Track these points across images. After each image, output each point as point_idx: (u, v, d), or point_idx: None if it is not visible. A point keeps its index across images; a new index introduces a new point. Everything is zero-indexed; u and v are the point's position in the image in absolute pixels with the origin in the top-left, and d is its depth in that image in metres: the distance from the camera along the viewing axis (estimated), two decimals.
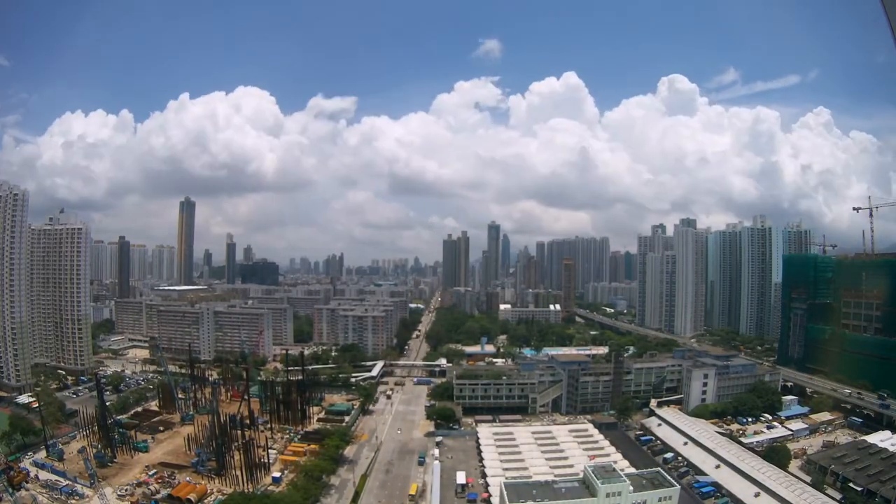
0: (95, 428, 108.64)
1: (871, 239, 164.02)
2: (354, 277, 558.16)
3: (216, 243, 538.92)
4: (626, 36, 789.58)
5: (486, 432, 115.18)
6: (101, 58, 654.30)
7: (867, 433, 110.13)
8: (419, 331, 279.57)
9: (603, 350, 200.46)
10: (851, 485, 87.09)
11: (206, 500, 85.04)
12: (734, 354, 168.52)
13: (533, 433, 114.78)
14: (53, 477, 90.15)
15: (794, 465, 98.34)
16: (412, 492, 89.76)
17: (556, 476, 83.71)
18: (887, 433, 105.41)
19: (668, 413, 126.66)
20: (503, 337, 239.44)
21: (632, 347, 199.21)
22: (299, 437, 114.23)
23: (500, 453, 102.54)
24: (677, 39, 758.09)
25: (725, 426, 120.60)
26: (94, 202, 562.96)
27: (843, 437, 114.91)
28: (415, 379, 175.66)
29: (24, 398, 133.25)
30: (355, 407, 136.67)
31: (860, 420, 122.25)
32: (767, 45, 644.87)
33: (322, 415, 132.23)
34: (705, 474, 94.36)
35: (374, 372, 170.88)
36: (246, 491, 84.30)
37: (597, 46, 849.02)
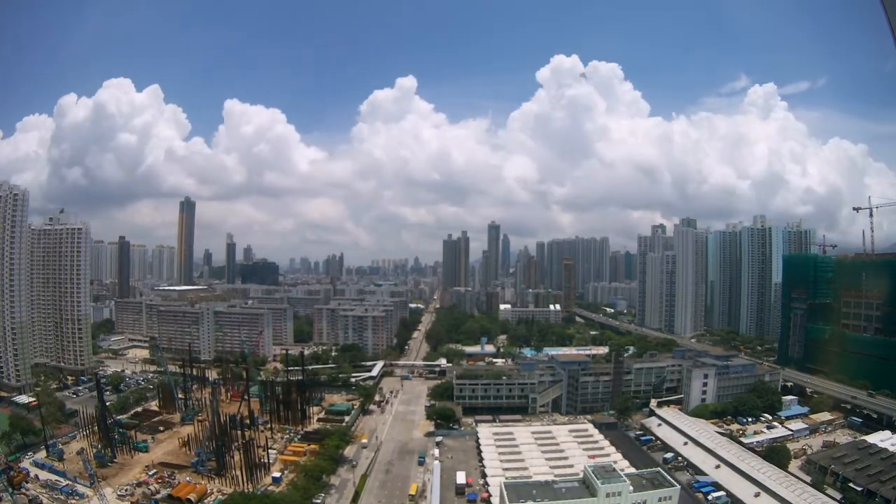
0: (95, 428, 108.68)
1: (870, 239, 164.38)
2: (354, 277, 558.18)
3: (207, 244, 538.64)
4: (636, 41, 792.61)
5: (486, 432, 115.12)
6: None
7: (867, 433, 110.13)
8: (419, 331, 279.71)
9: (603, 350, 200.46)
10: (851, 485, 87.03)
11: (206, 500, 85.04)
12: (734, 354, 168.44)
13: (533, 433, 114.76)
14: (53, 477, 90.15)
15: (794, 465, 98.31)
16: (412, 492, 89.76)
17: (556, 476, 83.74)
18: (887, 433, 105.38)
19: (668, 413, 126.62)
20: (503, 337, 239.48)
21: (632, 347, 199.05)
22: (299, 437, 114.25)
23: (500, 453, 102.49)
24: (686, 44, 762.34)
25: (725, 426, 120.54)
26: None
27: (843, 437, 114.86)
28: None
29: (24, 398, 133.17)
30: (355, 407, 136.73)
31: (860, 420, 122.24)
32: (777, 51, 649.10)
33: (322, 415, 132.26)
34: (705, 474, 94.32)
35: (374, 372, 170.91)
36: (246, 491, 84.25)
37: (602, 48, 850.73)
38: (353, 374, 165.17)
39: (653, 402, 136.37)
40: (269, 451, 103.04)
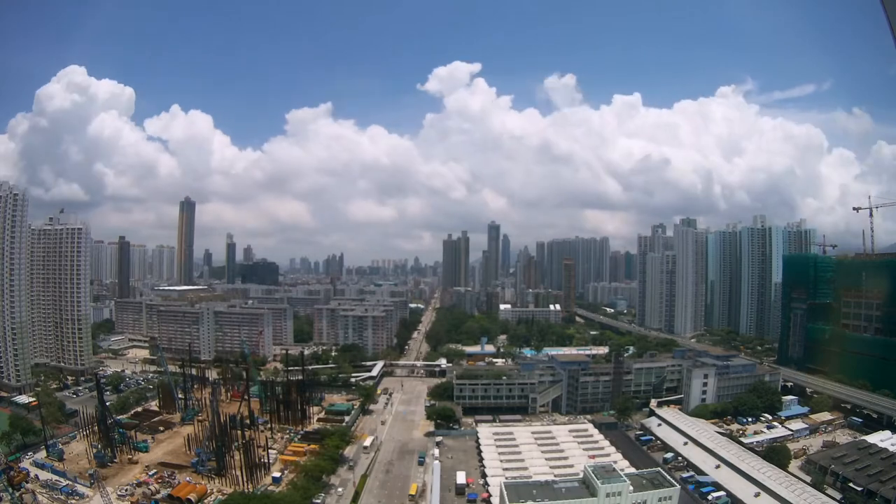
0: (95, 428, 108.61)
1: (870, 239, 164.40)
2: (354, 277, 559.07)
3: (212, 244, 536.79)
4: (641, 44, 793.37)
5: (486, 432, 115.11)
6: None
7: (867, 433, 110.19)
8: (419, 331, 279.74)
9: (603, 350, 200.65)
10: (851, 485, 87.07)
11: (206, 500, 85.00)
12: (734, 354, 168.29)
13: (533, 433, 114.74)
14: (53, 477, 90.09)
15: (794, 465, 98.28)
16: (412, 492, 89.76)
17: (556, 476, 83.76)
18: (887, 433, 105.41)
19: (668, 413, 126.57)
20: (503, 337, 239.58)
21: (632, 347, 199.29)
22: (299, 437, 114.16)
23: (500, 453, 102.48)
24: (691, 47, 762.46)
25: (725, 426, 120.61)
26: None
27: (843, 437, 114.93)
28: None
29: (24, 398, 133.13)
30: (355, 407, 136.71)
31: (860, 420, 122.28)
32: (782, 55, 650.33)
33: (322, 415, 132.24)
34: (705, 474, 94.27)
35: (374, 372, 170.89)
36: (246, 491, 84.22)
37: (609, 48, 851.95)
38: (353, 374, 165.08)
39: (653, 402, 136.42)
40: (269, 451, 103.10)
